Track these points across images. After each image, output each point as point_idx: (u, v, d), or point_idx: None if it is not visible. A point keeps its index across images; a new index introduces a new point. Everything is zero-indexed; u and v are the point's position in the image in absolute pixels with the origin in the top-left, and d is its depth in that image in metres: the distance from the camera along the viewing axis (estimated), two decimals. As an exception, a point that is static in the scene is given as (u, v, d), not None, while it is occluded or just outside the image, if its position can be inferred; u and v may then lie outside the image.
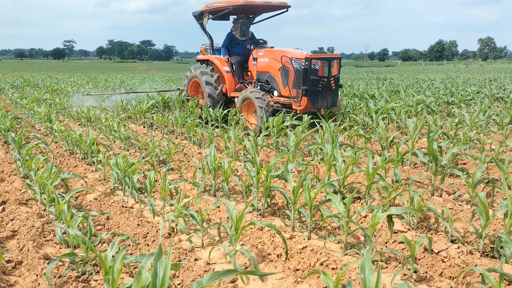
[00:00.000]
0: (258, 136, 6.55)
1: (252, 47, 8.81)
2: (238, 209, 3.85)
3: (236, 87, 8.66)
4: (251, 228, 3.47)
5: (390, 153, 5.41)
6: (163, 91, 11.26)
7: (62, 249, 3.27)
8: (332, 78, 7.51)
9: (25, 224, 3.49)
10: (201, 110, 8.85)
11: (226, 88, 8.73)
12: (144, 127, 9.05)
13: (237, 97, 8.34)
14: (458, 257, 2.83)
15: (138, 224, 3.57)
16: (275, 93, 7.90)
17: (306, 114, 7.06)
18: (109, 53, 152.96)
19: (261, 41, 8.94)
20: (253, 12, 9.05)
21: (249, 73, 8.74)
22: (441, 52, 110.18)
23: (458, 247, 2.94)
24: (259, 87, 8.18)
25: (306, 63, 7.20)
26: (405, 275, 2.75)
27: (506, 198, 3.12)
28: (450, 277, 2.76)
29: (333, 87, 7.59)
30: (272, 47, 8.17)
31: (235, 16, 8.96)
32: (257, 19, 9.43)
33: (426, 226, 3.50)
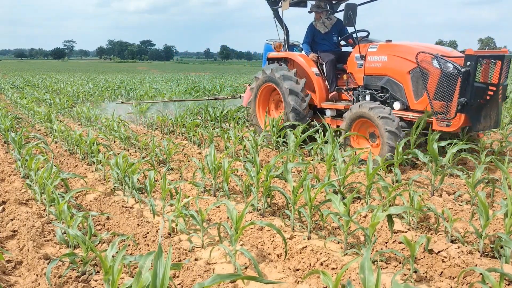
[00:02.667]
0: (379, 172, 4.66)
1: (344, 41, 6.89)
2: (238, 209, 3.85)
3: (330, 96, 6.44)
4: (251, 228, 3.47)
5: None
6: (215, 99, 9.59)
7: (62, 249, 3.27)
8: (501, 87, 5.08)
9: (25, 224, 3.49)
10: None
11: (315, 97, 6.57)
12: (144, 127, 9.05)
13: (330, 109, 6.40)
14: (458, 257, 2.83)
15: (138, 224, 3.57)
16: (396, 105, 5.58)
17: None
18: (109, 53, 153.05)
19: (364, 32, 6.25)
20: None
21: (343, 76, 6.51)
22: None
23: (458, 247, 2.94)
24: (368, 97, 5.96)
25: (469, 63, 4.80)
26: (405, 275, 2.75)
27: (506, 198, 3.12)
28: (450, 277, 2.76)
29: (500, 100, 5.18)
30: (390, 40, 5.87)
31: (314, 3, 6.90)
32: (341, 6, 7.10)
33: (426, 226, 3.50)
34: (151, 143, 5.90)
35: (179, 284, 2.72)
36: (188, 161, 5.69)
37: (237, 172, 5.02)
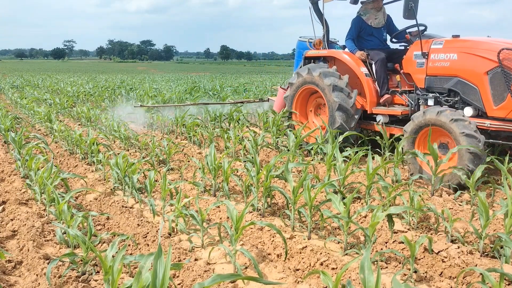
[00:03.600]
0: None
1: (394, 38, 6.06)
2: (238, 209, 3.85)
3: (381, 101, 5.62)
4: (251, 228, 3.47)
5: (390, 153, 5.41)
6: (241, 102, 8.54)
7: (62, 249, 3.27)
8: None
9: (25, 224, 3.49)
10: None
11: (363, 102, 5.78)
12: (144, 127, 9.05)
13: (383, 115, 5.61)
14: (458, 257, 2.83)
15: (138, 224, 3.57)
16: (468, 111, 4.80)
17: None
18: (109, 53, 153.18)
19: (421, 26, 5.31)
20: None
21: (394, 77, 5.71)
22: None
23: (458, 247, 2.94)
24: (431, 101, 5.20)
25: None
26: (405, 275, 2.75)
27: (506, 198, 3.13)
28: (450, 277, 2.76)
29: None
30: (457, 36, 5.09)
31: None
32: None
33: (426, 226, 3.50)
34: (151, 143, 5.90)
35: (179, 284, 2.72)
36: (188, 161, 5.69)
37: (237, 172, 5.02)
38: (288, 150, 5.61)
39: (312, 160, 5.58)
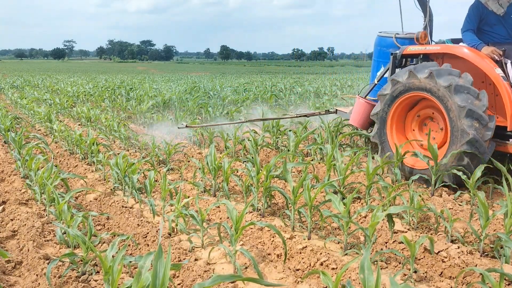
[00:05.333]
0: None
1: None
2: (238, 209, 3.85)
3: None
4: (251, 228, 3.47)
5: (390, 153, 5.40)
6: (306, 115, 6.74)
7: (62, 249, 3.27)
8: None
9: (25, 224, 3.49)
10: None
11: (502, 116, 4.46)
12: (144, 127, 9.05)
13: None
14: (458, 257, 2.83)
15: (138, 224, 3.57)
16: None
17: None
18: (109, 53, 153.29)
19: None
20: None
21: None
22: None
23: (458, 247, 2.94)
24: None
25: None
26: (405, 275, 2.75)
27: (505, 199, 3.13)
28: (450, 277, 2.76)
29: None
30: None
31: None
32: None
33: (426, 226, 3.50)
34: (151, 143, 5.91)
35: (179, 284, 2.72)
36: (188, 161, 5.69)
37: (237, 172, 5.02)
38: (288, 150, 5.61)
39: (312, 160, 5.59)
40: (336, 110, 6.42)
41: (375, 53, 6.00)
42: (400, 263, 2.92)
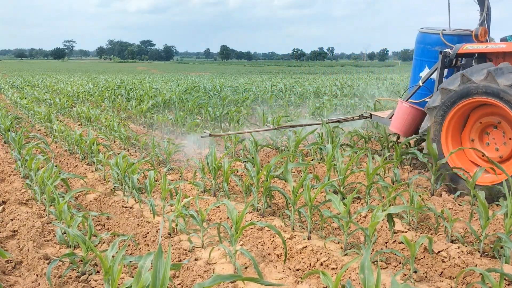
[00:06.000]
0: None
1: None
2: (238, 209, 3.85)
3: None
4: (251, 228, 3.47)
5: (390, 153, 5.41)
6: (337, 121, 6.23)
7: (62, 249, 3.27)
8: None
9: (25, 224, 3.49)
10: None
11: None
12: (144, 127, 9.05)
13: None
14: (458, 257, 2.83)
15: (138, 224, 3.57)
16: None
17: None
18: (109, 53, 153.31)
19: None
20: None
21: None
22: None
23: (458, 247, 2.94)
24: None
25: None
26: (405, 275, 2.75)
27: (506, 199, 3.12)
28: (450, 277, 2.76)
29: None
30: None
31: None
32: None
33: (426, 226, 3.50)
34: (151, 143, 5.91)
35: (179, 284, 2.72)
36: (188, 161, 5.69)
37: (237, 172, 5.02)
38: (288, 150, 5.61)
39: (312, 160, 5.58)
40: (371, 114, 5.85)
41: (417, 52, 5.41)
42: (400, 263, 2.92)
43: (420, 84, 5.00)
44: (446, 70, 4.72)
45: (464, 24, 5.21)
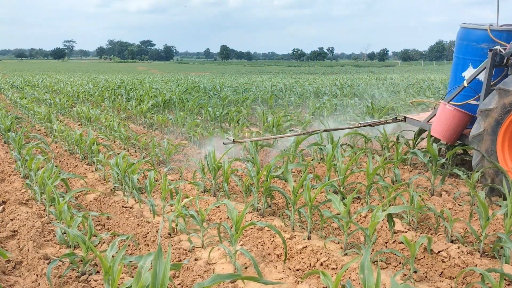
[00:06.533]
0: None
1: None
2: (238, 209, 3.85)
3: None
4: (251, 228, 3.47)
5: (390, 153, 5.40)
6: (370, 124, 5.68)
7: (62, 249, 3.27)
8: None
9: (25, 224, 3.49)
10: None
11: None
12: (144, 127, 9.05)
13: None
14: (458, 257, 2.83)
15: (138, 224, 3.57)
16: None
17: None
18: (109, 53, 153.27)
19: None
20: None
21: None
22: (441, 52, 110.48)
23: (458, 247, 2.94)
24: None
25: None
26: (405, 275, 2.75)
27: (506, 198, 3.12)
28: (450, 277, 2.76)
29: None
30: None
31: None
32: None
33: (426, 226, 3.50)
34: (151, 143, 5.90)
35: (179, 284, 2.72)
36: (188, 161, 5.69)
37: (237, 172, 5.01)
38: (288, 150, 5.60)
39: (312, 160, 5.58)
40: (406, 117, 5.43)
41: (459, 49, 4.94)
42: (400, 263, 2.92)
43: (465, 84, 4.61)
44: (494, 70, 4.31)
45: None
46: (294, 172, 5.09)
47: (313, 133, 5.43)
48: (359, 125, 5.58)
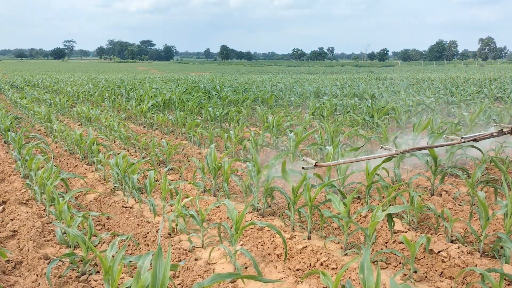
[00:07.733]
0: None
1: None
2: (238, 209, 3.85)
3: None
4: (251, 228, 3.47)
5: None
6: (475, 139, 4.58)
7: (62, 249, 3.27)
8: None
9: (25, 224, 3.49)
10: None
11: None
12: (144, 127, 9.05)
13: None
14: (458, 257, 2.83)
15: (138, 224, 3.57)
16: None
17: None
18: (109, 53, 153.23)
19: None
20: None
21: None
22: (441, 52, 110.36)
23: (458, 247, 2.94)
24: None
25: None
26: (405, 275, 2.75)
27: (506, 198, 3.12)
28: (450, 277, 2.76)
29: None
30: None
31: None
32: None
33: (426, 226, 3.50)
34: (151, 143, 5.90)
35: (179, 284, 2.72)
36: (188, 161, 5.69)
37: (237, 172, 5.01)
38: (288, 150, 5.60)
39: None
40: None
41: None
42: (400, 263, 2.92)
43: None
44: None
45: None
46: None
47: (408, 152, 4.38)
48: (461, 140, 4.57)
